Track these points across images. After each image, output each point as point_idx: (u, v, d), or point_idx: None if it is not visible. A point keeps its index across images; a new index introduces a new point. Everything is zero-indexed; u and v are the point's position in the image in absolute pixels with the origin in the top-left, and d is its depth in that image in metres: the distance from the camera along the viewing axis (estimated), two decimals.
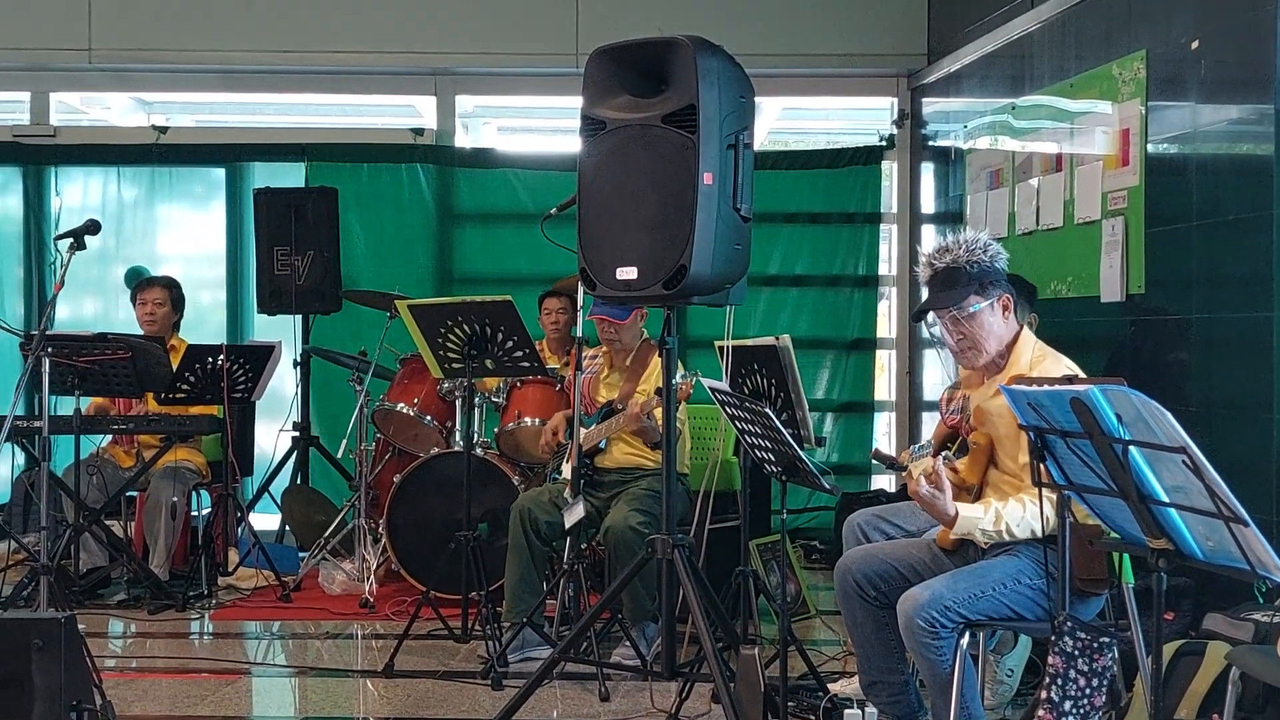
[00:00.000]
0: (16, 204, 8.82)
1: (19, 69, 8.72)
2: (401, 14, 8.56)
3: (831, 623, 6.29)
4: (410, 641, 5.88)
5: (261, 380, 7.14)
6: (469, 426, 6.53)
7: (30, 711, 4.10)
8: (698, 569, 4.83)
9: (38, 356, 6.01)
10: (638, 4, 8.37)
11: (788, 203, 8.61)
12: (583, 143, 4.67)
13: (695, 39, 4.41)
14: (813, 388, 8.47)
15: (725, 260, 4.45)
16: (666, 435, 4.79)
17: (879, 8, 8.52)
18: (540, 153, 9.12)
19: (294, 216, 7.96)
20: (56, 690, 4.15)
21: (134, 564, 7.02)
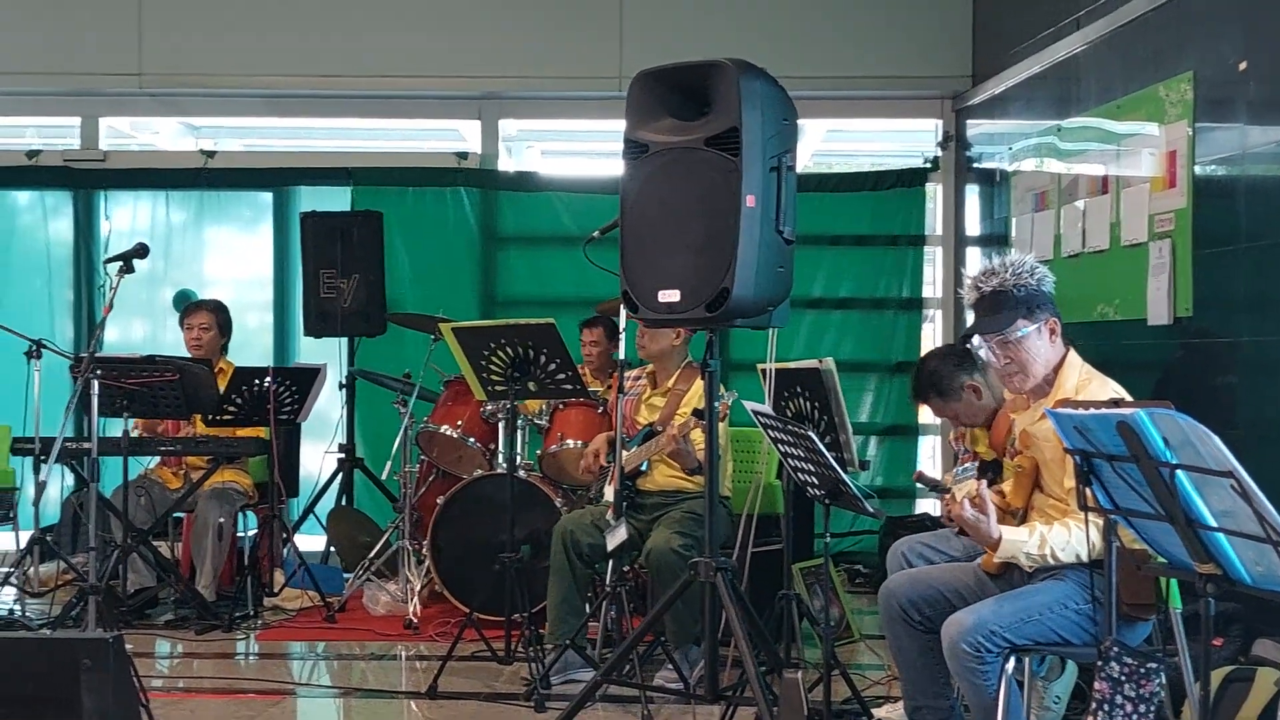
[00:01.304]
0: (67, 227, 8.91)
1: (70, 94, 8.83)
2: (446, 39, 8.62)
3: (876, 647, 6.26)
4: (454, 663, 5.89)
5: (307, 402, 7.18)
6: (512, 448, 6.55)
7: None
8: (740, 592, 4.82)
9: (87, 379, 6.08)
10: (681, 27, 8.39)
11: (831, 225, 8.60)
12: (625, 166, 4.68)
13: (738, 62, 4.42)
14: (856, 411, 8.44)
15: (768, 283, 4.45)
16: (709, 457, 4.78)
17: (924, 30, 8.51)
18: (583, 176, 9.15)
19: (340, 240, 8.02)
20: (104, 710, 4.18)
21: (181, 584, 7.06)
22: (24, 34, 8.56)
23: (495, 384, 6.18)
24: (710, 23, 8.44)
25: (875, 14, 8.53)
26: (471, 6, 8.64)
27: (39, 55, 8.56)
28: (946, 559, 4.80)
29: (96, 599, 5.92)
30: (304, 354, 8.62)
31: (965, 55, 8.48)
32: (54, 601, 7.01)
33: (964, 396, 5.06)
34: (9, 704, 4.25)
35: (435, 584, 6.99)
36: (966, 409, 5.08)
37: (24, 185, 8.93)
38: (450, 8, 8.63)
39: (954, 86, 8.54)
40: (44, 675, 4.30)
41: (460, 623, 6.17)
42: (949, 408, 5.08)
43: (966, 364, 5.13)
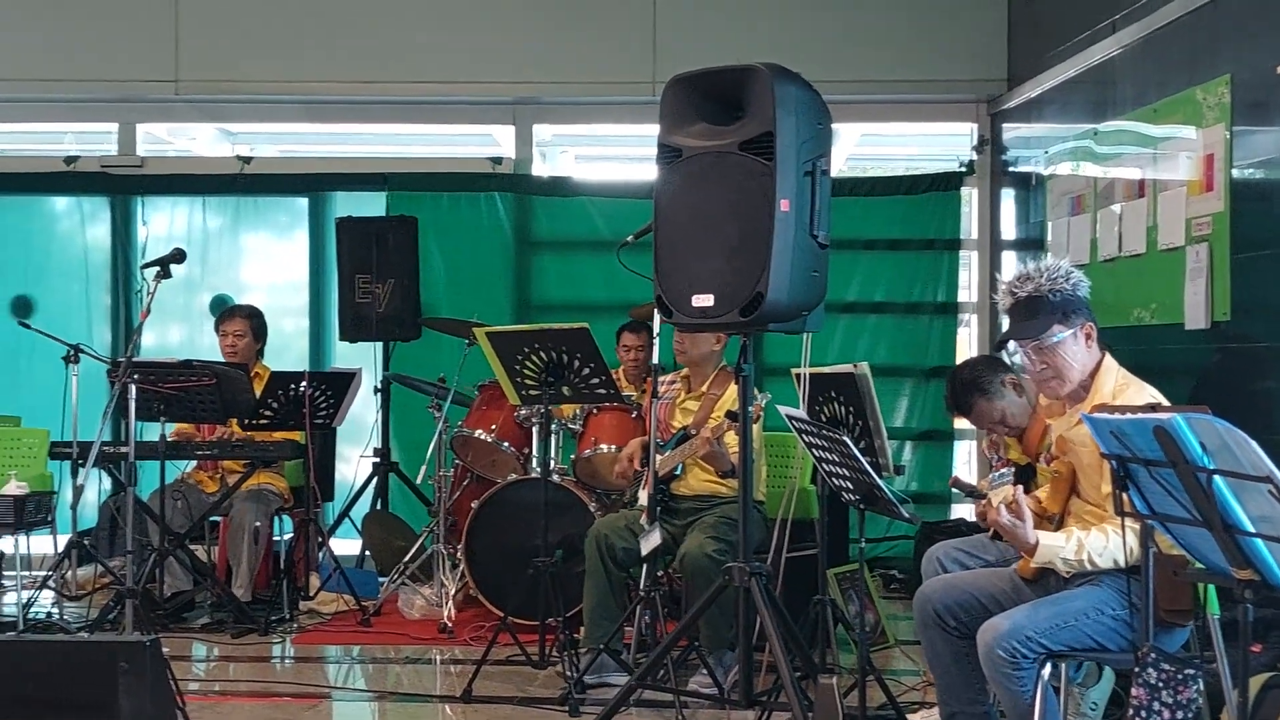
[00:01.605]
0: (104, 233, 8.97)
1: (107, 100, 8.89)
2: (481, 45, 8.64)
3: (911, 652, 6.24)
4: (488, 667, 5.90)
5: (343, 406, 7.21)
6: (546, 453, 6.56)
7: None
8: (775, 597, 4.81)
9: (124, 383, 6.11)
10: (715, 32, 8.39)
11: (866, 229, 8.58)
12: (659, 170, 4.69)
13: (772, 66, 4.42)
14: (891, 415, 8.40)
15: (802, 287, 4.44)
16: (743, 461, 4.78)
17: (959, 33, 8.48)
18: (617, 181, 9.16)
19: (375, 245, 8.05)
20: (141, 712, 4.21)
21: (217, 588, 7.10)
22: (62, 41, 8.63)
23: (529, 388, 6.19)
24: (744, 27, 8.43)
25: (910, 18, 8.51)
26: (506, 12, 8.67)
27: (77, 62, 8.63)
28: (982, 564, 4.78)
29: (134, 602, 5.95)
30: (339, 358, 8.65)
31: (1001, 59, 8.45)
32: (92, 604, 7.07)
33: (1006, 393, 5.00)
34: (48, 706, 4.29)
35: (470, 588, 7.00)
36: (1012, 406, 5.00)
37: (62, 191, 8.99)
38: (485, 14, 8.66)
39: (989, 90, 8.51)
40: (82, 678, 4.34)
41: (495, 627, 6.18)
42: (994, 408, 5.02)
43: (999, 365, 5.11)
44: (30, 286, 8.88)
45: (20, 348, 8.49)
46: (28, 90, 8.75)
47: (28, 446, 7.65)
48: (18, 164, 9.40)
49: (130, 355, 6.20)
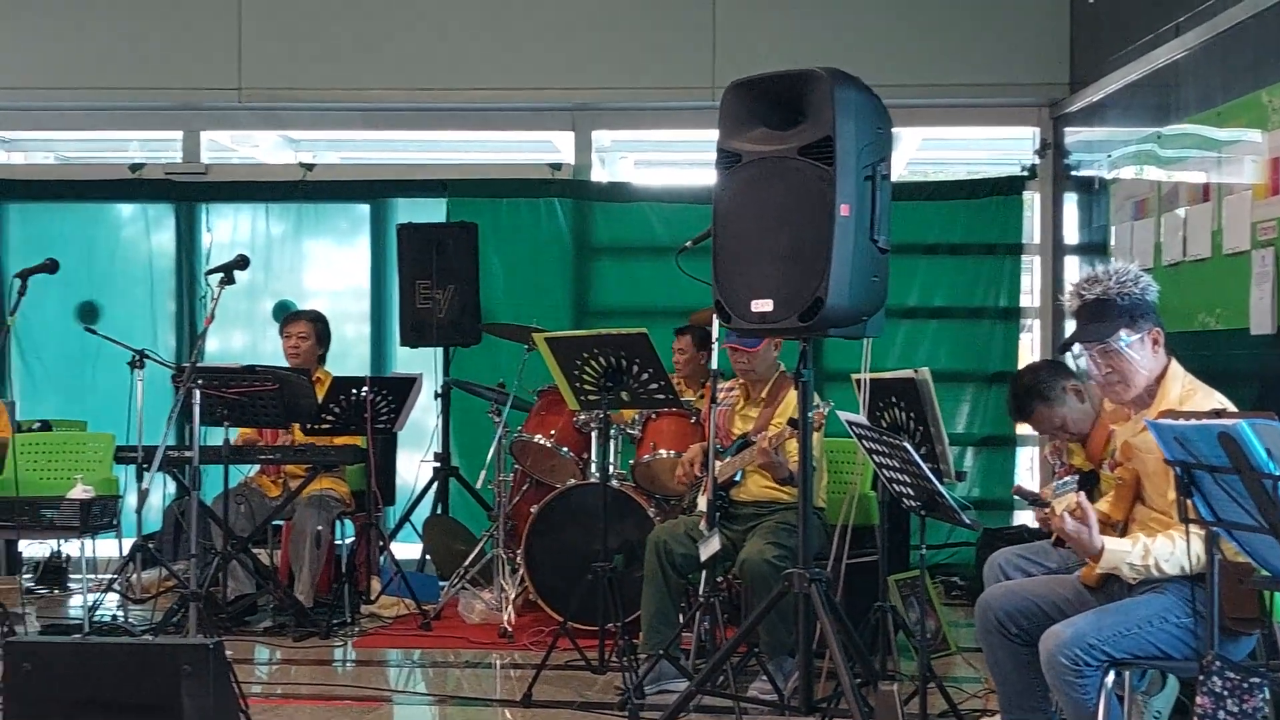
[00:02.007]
0: (169, 240, 9.07)
1: (172, 108, 9.00)
2: (540, 51, 8.68)
3: (972, 660, 6.19)
4: (548, 672, 5.91)
5: (403, 411, 7.25)
6: (605, 458, 6.57)
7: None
8: (835, 604, 4.79)
9: (188, 388, 6.17)
10: (774, 37, 8.39)
11: (927, 234, 8.54)
12: (718, 175, 4.68)
13: (832, 70, 4.41)
14: (953, 421, 8.36)
15: (862, 292, 4.42)
16: (803, 467, 4.76)
17: (1020, 37, 8.43)
18: (676, 186, 9.17)
19: (435, 251, 8.09)
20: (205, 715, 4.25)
21: (280, 591, 7.15)
22: (127, 50, 8.74)
23: (588, 394, 6.20)
24: (803, 32, 8.42)
25: (972, 22, 8.47)
26: (565, 19, 8.69)
27: (142, 71, 8.74)
28: (1044, 571, 4.74)
29: (197, 605, 6.01)
30: (400, 364, 8.70)
31: (1063, 63, 8.39)
32: (156, 608, 7.13)
33: (1068, 400, 4.98)
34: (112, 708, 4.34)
35: (529, 593, 7.02)
36: (1074, 413, 4.98)
37: (127, 198, 9.11)
38: (544, 20, 8.69)
39: (1052, 94, 8.45)
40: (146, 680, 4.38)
41: (554, 631, 6.20)
42: (1055, 414, 4.99)
43: (1062, 371, 5.07)
44: (96, 293, 9.00)
45: (86, 353, 8.60)
46: (94, 98, 8.88)
47: (93, 451, 7.76)
48: (84, 171, 9.54)
49: (195, 361, 6.26)
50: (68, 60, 8.75)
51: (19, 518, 6.86)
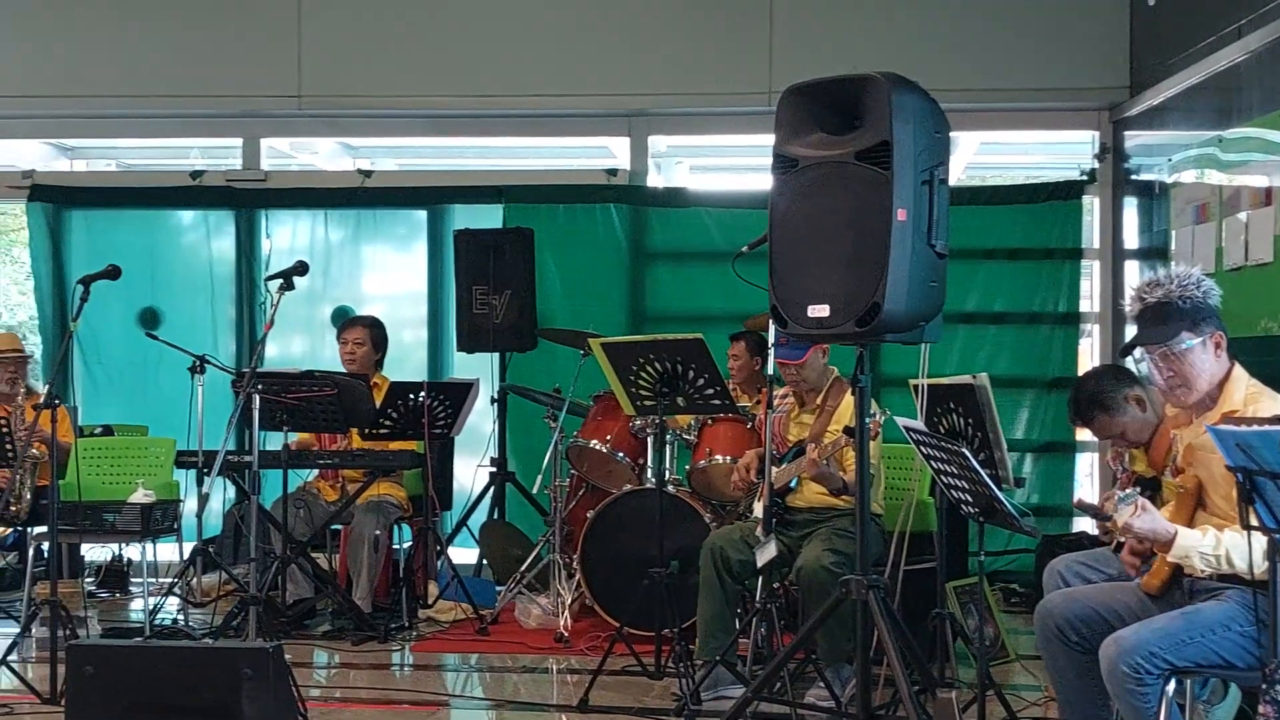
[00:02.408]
0: (229, 246, 9.15)
1: (232, 115, 9.08)
2: (596, 58, 8.69)
3: (1032, 667, 6.14)
4: (604, 677, 5.92)
5: (460, 416, 7.28)
6: (661, 464, 6.56)
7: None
8: (893, 610, 4.76)
9: (248, 394, 6.23)
10: (831, 42, 8.36)
11: (986, 239, 8.48)
12: (774, 180, 4.66)
13: (889, 75, 4.38)
14: (1012, 427, 8.30)
15: (920, 297, 4.39)
16: (860, 473, 4.74)
17: (1079, 41, 8.36)
18: (732, 191, 9.16)
19: (492, 257, 8.12)
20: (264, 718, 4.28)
21: (338, 596, 7.19)
22: (188, 58, 8.82)
23: (644, 399, 6.20)
24: (860, 36, 8.39)
25: (1031, 25, 8.41)
26: (621, 24, 8.71)
27: (202, 78, 8.82)
28: (1104, 578, 4.70)
29: (257, 609, 6.06)
30: (457, 369, 8.73)
31: (1122, 66, 8.31)
32: (216, 611, 7.21)
33: (1129, 409, 4.94)
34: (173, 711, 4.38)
35: (585, 598, 7.03)
36: (1134, 423, 4.95)
37: (188, 205, 9.19)
38: (600, 26, 8.71)
39: (1111, 98, 8.37)
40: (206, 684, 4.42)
41: (610, 637, 6.20)
42: (1115, 423, 4.96)
43: (1125, 378, 5.03)
44: (157, 299, 9.09)
45: (148, 359, 8.70)
46: (155, 106, 8.97)
47: (154, 456, 7.84)
48: (146, 178, 9.64)
49: (254, 366, 6.30)
50: (129, 69, 8.84)
51: (81, 522, 6.94)
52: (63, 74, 8.86)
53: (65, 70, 8.86)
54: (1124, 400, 4.95)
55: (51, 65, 8.87)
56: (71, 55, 8.87)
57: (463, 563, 7.93)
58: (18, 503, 7.24)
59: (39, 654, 6.34)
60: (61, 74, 8.86)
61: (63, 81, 8.86)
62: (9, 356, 7.66)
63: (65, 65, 8.86)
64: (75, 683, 4.57)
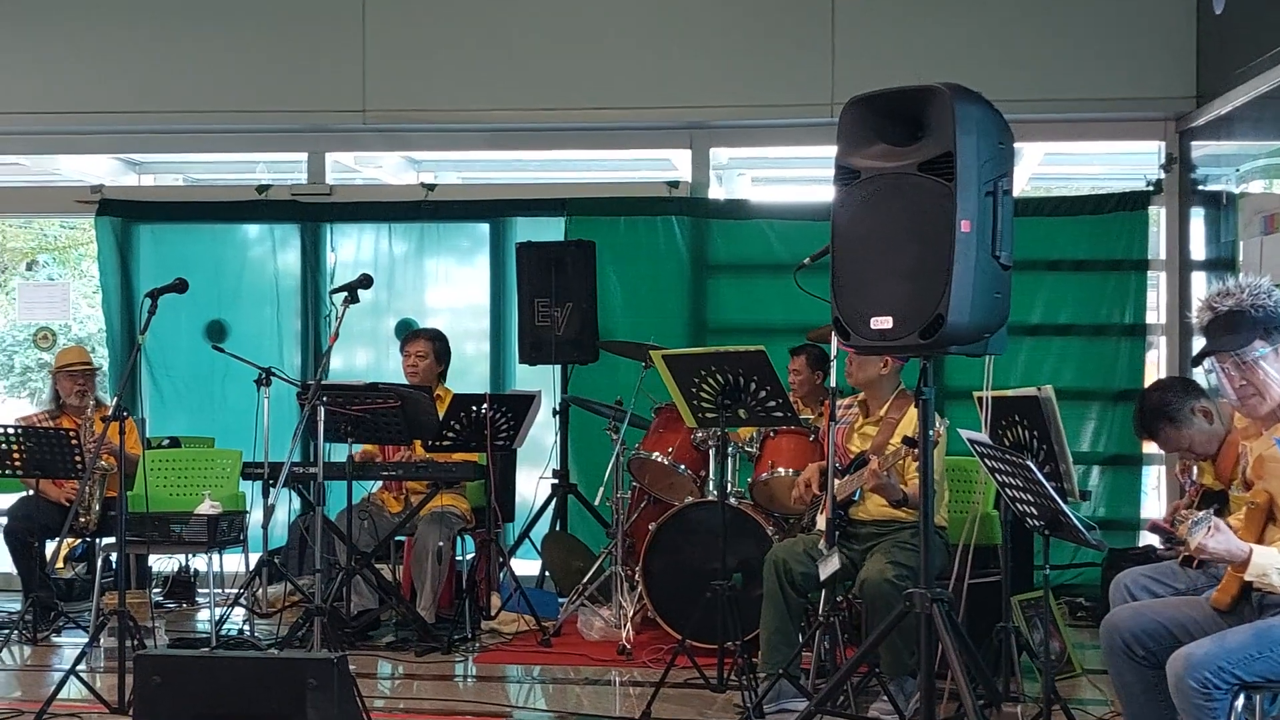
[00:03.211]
0: (295, 259, 9.23)
1: (298, 130, 9.16)
2: (658, 70, 8.70)
3: (1098, 682, 6.08)
4: (667, 689, 5.91)
5: (523, 428, 7.30)
6: (723, 476, 6.55)
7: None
8: (957, 624, 4.73)
9: (314, 405, 6.27)
10: (893, 53, 8.33)
11: (1050, 250, 8.42)
12: (837, 192, 4.66)
13: (952, 86, 4.37)
14: (1077, 440, 8.22)
15: (984, 309, 4.37)
16: (924, 485, 4.71)
17: (1145, 50, 8.29)
18: (794, 202, 9.14)
19: (554, 269, 8.14)
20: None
21: (402, 606, 7.23)
22: (255, 74, 8.92)
23: (706, 411, 6.20)
24: (922, 47, 8.35)
25: (1095, 35, 8.34)
26: (682, 36, 8.71)
27: (269, 94, 8.91)
28: (1171, 592, 4.66)
29: (322, 620, 6.10)
30: (519, 381, 8.75)
31: (1189, 75, 8.23)
32: (281, 622, 7.25)
33: (1195, 421, 4.90)
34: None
35: (648, 610, 7.03)
36: (1200, 435, 4.91)
37: (255, 219, 9.28)
38: (661, 38, 8.72)
39: (1177, 108, 8.29)
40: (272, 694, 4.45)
41: (673, 649, 6.19)
42: (1182, 436, 4.92)
43: (1192, 390, 4.98)
44: (224, 311, 9.18)
45: (214, 371, 8.78)
46: (222, 121, 9.06)
47: (221, 467, 7.91)
48: (213, 193, 9.76)
49: (319, 378, 6.35)
50: (197, 85, 8.94)
51: (149, 533, 7.01)
52: (131, 90, 8.97)
53: (133, 86, 8.98)
54: (1190, 412, 4.90)
55: (120, 81, 8.99)
56: (139, 72, 8.98)
57: (525, 574, 7.95)
58: (87, 514, 7.34)
59: (107, 664, 6.42)
60: (130, 90, 8.97)
61: (131, 97, 8.98)
62: (78, 369, 7.77)
63: (133, 81, 8.98)
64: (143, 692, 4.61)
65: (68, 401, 7.77)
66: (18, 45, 9.07)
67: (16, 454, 7.14)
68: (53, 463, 7.14)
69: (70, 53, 9.03)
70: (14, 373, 16.46)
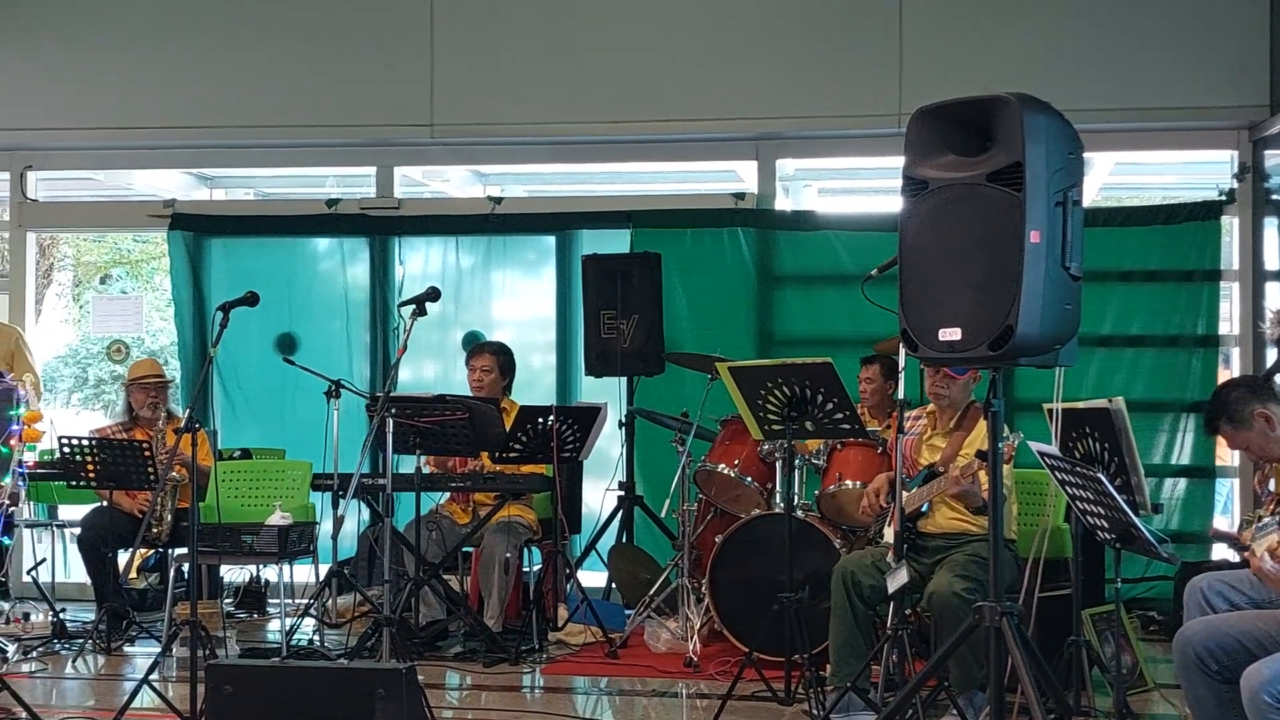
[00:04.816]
0: (364, 273, 9.31)
1: (367, 145, 9.24)
2: (724, 81, 8.71)
3: (1171, 696, 6.01)
4: (734, 702, 5.90)
5: (589, 440, 7.32)
6: (789, 488, 6.53)
7: None
8: (1027, 638, 4.69)
9: (382, 417, 6.31)
10: (961, 62, 8.29)
11: (1122, 260, 8.34)
12: (904, 203, 4.64)
13: (1021, 96, 4.34)
14: (1149, 452, 8.13)
15: (1054, 320, 4.33)
16: (993, 500, 4.68)
17: (1218, 58, 8.20)
18: (861, 213, 9.10)
19: (619, 281, 8.16)
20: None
21: (470, 617, 7.26)
22: (324, 90, 9.01)
23: (772, 423, 6.18)
24: (991, 57, 8.31)
25: (1166, 43, 8.27)
26: (749, 48, 8.71)
27: (338, 109, 9.00)
28: (1247, 601, 4.60)
29: (391, 630, 6.13)
30: (585, 393, 8.78)
31: (1262, 84, 8.13)
32: (351, 632, 7.29)
33: (1255, 425, 4.83)
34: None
35: (714, 622, 7.01)
36: (1258, 439, 4.84)
37: (324, 233, 9.37)
38: (727, 50, 8.73)
39: (1250, 116, 8.20)
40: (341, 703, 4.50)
41: (740, 662, 6.17)
42: (1240, 436, 4.87)
43: (1262, 393, 4.91)
44: (294, 324, 9.26)
45: (285, 383, 8.84)
46: (292, 136, 9.16)
47: (291, 478, 7.98)
48: (283, 207, 9.87)
49: (388, 390, 6.39)
50: (267, 100, 9.05)
51: (220, 544, 7.07)
52: (203, 106, 9.09)
53: (205, 103, 9.09)
54: (1250, 415, 4.85)
55: (192, 98, 9.11)
56: (211, 88, 9.10)
57: (591, 586, 7.96)
58: (159, 525, 7.43)
59: (179, 673, 6.51)
60: (201, 106, 9.09)
61: (202, 113, 9.10)
62: (150, 381, 7.87)
63: (205, 98, 9.09)
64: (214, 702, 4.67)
65: (140, 414, 7.86)
66: (92, 63, 9.22)
67: (90, 466, 7.24)
68: (126, 474, 7.24)
69: (143, 70, 9.16)
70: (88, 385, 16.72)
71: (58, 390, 15.93)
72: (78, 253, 17.03)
